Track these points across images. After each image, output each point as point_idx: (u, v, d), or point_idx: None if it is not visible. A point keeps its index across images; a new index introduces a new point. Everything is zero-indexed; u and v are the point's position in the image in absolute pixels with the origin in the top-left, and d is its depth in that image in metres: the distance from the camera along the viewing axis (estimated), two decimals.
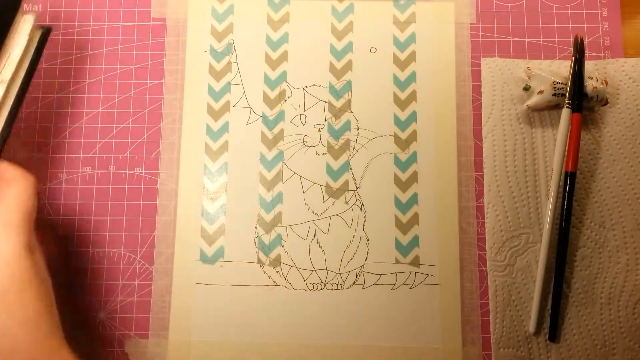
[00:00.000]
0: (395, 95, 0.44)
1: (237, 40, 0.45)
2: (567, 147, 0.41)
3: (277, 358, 0.41)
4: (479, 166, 0.43)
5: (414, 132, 0.44)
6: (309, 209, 0.43)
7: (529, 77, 0.43)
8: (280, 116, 0.44)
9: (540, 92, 0.42)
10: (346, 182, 0.43)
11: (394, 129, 0.44)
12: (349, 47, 0.45)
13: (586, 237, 0.42)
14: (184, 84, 0.44)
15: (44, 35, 0.38)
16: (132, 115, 0.44)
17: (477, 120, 0.44)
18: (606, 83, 0.42)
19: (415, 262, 0.42)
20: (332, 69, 0.45)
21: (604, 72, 0.44)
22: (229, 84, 0.44)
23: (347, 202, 0.43)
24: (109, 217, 0.42)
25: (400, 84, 0.44)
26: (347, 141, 0.43)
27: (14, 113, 0.35)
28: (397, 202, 0.43)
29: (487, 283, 0.42)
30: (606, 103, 0.42)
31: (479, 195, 0.43)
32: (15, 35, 0.36)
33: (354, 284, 0.42)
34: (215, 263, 0.42)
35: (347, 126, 0.44)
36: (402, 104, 0.44)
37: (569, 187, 0.41)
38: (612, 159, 0.43)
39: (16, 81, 0.36)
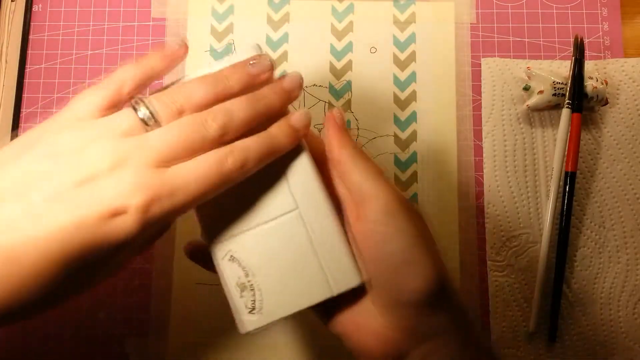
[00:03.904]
0: (395, 95, 0.44)
1: (237, 40, 0.45)
2: (567, 147, 0.41)
3: (277, 358, 0.41)
4: (479, 166, 0.43)
5: (414, 132, 0.44)
6: None
7: (529, 77, 0.43)
8: None
9: (540, 92, 0.42)
10: None
11: (394, 129, 0.44)
12: (349, 47, 0.45)
13: (586, 237, 0.42)
14: None
15: None
16: None
17: (477, 120, 0.44)
18: (606, 83, 0.42)
19: None
20: (332, 69, 0.45)
21: (604, 72, 0.44)
22: None
23: None
24: None
25: (400, 84, 0.44)
26: None
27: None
28: None
29: (487, 283, 0.42)
30: (606, 103, 0.42)
31: (479, 195, 0.43)
32: None
33: None
34: None
35: (347, 126, 0.44)
36: (402, 104, 0.44)
37: (569, 187, 0.41)
38: (612, 159, 0.43)
39: None
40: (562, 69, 0.44)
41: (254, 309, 0.27)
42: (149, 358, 0.41)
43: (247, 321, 0.27)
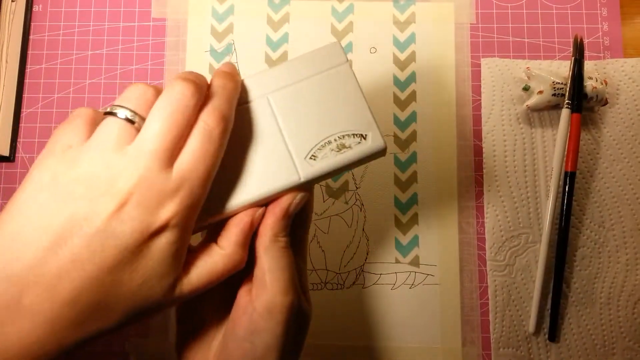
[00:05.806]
0: (395, 95, 0.44)
1: (237, 40, 0.45)
2: (566, 147, 0.41)
3: None
4: (479, 166, 0.43)
5: (414, 132, 0.44)
6: None
7: (528, 77, 0.43)
8: None
9: (540, 92, 0.42)
10: (346, 182, 0.43)
11: (393, 129, 0.44)
12: (348, 47, 0.45)
13: (586, 237, 0.42)
14: None
15: None
16: None
17: (477, 120, 0.44)
18: (606, 83, 0.42)
19: (415, 262, 0.42)
20: None
21: (604, 72, 0.44)
22: None
23: (347, 202, 0.43)
24: None
25: (400, 84, 0.44)
26: None
27: None
28: (397, 202, 0.43)
29: (487, 283, 0.42)
30: (606, 103, 0.42)
31: (479, 195, 0.43)
32: None
33: (354, 284, 0.42)
34: None
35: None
36: (402, 104, 0.44)
37: (568, 187, 0.41)
38: (612, 159, 0.43)
39: None
40: (562, 69, 0.44)
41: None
42: (149, 358, 0.41)
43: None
